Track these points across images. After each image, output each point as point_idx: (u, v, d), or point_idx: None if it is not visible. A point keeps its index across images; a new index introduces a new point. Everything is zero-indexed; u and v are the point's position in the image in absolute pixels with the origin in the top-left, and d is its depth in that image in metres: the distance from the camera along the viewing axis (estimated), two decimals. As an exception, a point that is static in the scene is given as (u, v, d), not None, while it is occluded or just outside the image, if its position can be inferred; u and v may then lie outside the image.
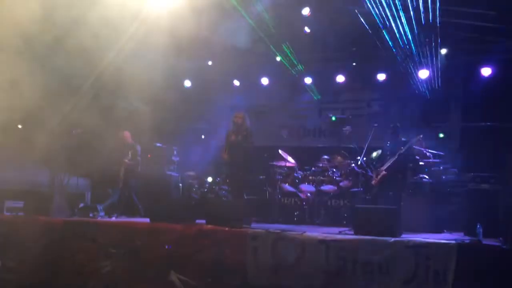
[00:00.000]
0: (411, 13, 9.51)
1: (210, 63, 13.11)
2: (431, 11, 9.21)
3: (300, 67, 12.56)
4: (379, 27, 9.99)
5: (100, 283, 7.17)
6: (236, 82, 13.65)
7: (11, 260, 7.80)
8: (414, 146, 9.77)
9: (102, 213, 8.99)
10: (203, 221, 7.66)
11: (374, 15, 9.54)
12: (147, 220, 7.95)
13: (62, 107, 10.13)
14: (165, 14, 9.12)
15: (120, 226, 7.64)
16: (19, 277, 7.53)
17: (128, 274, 7.12)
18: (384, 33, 10.25)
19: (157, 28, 9.48)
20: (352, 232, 6.82)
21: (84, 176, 11.46)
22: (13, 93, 7.89)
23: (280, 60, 12.49)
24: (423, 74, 11.76)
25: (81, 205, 9.75)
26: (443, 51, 11.14)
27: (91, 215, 8.78)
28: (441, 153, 9.71)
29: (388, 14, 9.68)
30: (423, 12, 9.44)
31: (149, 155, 11.88)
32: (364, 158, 9.42)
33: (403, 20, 9.76)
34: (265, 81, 13.60)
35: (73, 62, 8.74)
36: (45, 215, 8.23)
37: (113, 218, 8.96)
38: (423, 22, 9.63)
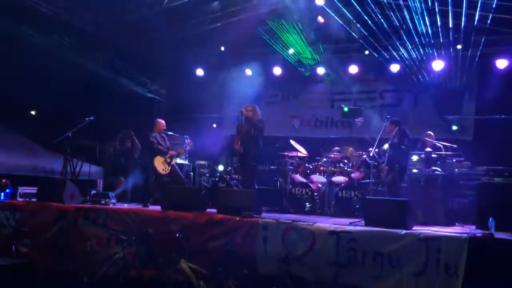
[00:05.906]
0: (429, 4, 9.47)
1: (222, 48, 13.15)
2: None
3: (315, 56, 12.55)
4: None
5: (111, 269, 7.22)
6: (248, 72, 13.62)
7: (24, 245, 7.88)
8: (425, 139, 9.75)
9: (114, 200, 9.04)
10: (214, 210, 7.68)
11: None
12: (158, 208, 7.99)
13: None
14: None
15: (132, 214, 7.66)
16: (31, 262, 7.62)
17: (139, 261, 7.18)
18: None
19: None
20: (363, 224, 6.81)
21: (97, 164, 11.53)
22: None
23: (294, 52, 12.52)
24: (437, 65, 11.67)
25: (93, 192, 9.81)
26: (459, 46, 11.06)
27: (102, 202, 8.83)
28: (454, 145, 9.64)
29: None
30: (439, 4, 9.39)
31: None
32: (376, 150, 9.37)
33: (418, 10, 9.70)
34: (277, 70, 13.59)
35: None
36: (57, 201, 8.29)
37: (125, 206, 9.00)
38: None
